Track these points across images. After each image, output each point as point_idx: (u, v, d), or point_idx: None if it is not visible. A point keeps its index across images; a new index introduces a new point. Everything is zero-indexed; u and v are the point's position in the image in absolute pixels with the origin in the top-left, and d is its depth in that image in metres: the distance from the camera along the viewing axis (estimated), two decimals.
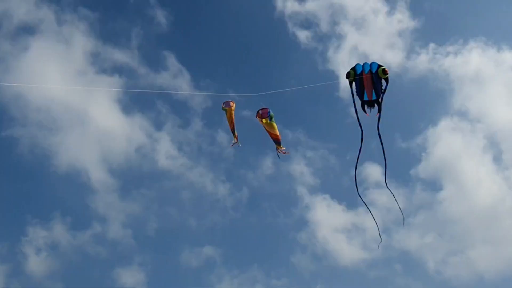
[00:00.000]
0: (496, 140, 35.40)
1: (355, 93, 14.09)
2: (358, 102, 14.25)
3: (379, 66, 13.85)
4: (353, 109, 14.16)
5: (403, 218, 15.55)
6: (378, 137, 14.14)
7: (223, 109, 15.94)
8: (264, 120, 15.27)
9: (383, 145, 14.33)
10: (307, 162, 35.92)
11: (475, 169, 35.17)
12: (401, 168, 35.16)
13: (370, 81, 13.93)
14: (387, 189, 15.09)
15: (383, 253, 31.43)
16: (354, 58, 38.49)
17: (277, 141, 15.86)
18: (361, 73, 13.90)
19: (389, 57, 38.14)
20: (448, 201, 33.50)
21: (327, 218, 33.83)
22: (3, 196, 32.34)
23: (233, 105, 15.95)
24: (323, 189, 35.06)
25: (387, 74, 13.77)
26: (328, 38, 38.61)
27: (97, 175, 32.88)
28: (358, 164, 14.43)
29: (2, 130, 33.08)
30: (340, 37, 38.30)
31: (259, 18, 39.94)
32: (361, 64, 14.02)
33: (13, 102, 32.68)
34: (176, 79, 36.89)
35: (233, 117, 15.98)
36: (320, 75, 38.30)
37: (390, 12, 38.81)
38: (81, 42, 34.99)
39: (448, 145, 35.93)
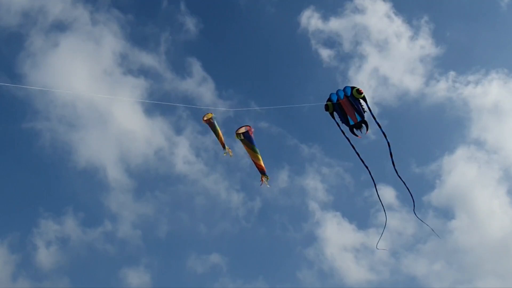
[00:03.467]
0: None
1: (340, 123, 14.06)
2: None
3: (352, 88, 13.78)
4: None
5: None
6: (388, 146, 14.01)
7: (203, 122, 15.43)
8: (240, 136, 14.74)
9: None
10: (321, 178, 35.74)
11: (488, 200, 34.33)
12: (414, 193, 34.69)
13: (349, 105, 13.85)
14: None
15: (390, 276, 30.99)
16: (374, 80, 38.06)
17: (262, 172, 15.40)
18: (338, 100, 13.84)
19: (408, 81, 37.99)
20: (460, 231, 32.76)
21: (337, 236, 33.34)
22: (19, 186, 33.24)
23: (210, 114, 15.37)
24: (335, 206, 34.72)
25: (361, 93, 13.67)
26: (349, 58, 38.92)
27: (114, 174, 33.37)
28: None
29: (25, 122, 34.03)
30: (361, 58, 38.50)
31: (283, 33, 40.90)
32: (335, 92, 13.94)
33: (39, 96, 33.69)
34: (201, 87, 37.64)
35: (215, 125, 15.46)
36: None
37: (413, 37, 38.70)
38: (111, 42, 36.21)
39: (463, 174, 35.46)
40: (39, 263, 29.74)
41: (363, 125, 14.03)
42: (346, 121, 14.06)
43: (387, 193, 31.03)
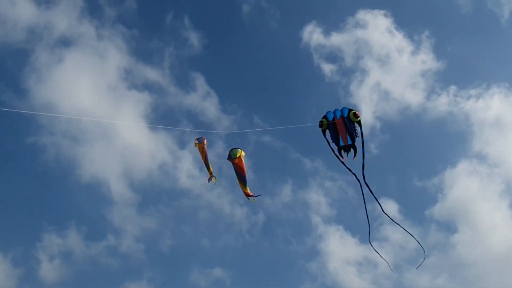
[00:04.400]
0: None
1: (330, 141, 14.11)
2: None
3: (350, 110, 13.81)
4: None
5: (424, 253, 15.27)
6: (365, 184, 13.94)
7: (195, 145, 15.84)
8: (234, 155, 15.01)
9: (374, 193, 14.12)
10: (324, 192, 35.76)
11: (491, 214, 34.46)
12: (416, 207, 34.98)
13: (343, 126, 13.89)
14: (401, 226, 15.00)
15: None
16: (376, 95, 38.20)
17: (247, 195, 15.66)
18: (333, 119, 13.87)
19: (410, 96, 38.08)
20: (462, 244, 32.90)
21: (339, 249, 33.42)
22: (23, 200, 33.11)
23: (205, 142, 15.82)
24: (338, 220, 34.76)
25: (358, 117, 13.72)
26: (351, 72, 39.05)
27: (118, 188, 33.66)
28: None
29: (29, 136, 34.01)
30: (363, 72, 38.61)
31: (286, 48, 41.07)
32: (332, 111, 14.02)
33: (43, 110, 34.08)
34: (204, 101, 37.68)
35: (206, 153, 15.84)
36: None
37: (414, 52, 38.80)
38: (116, 57, 36.46)
39: (465, 188, 35.57)
40: (42, 277, 29.67)
41: (352, 149, 14.07)
42: (336, 141, 14.11)
43: (389, 207, 30.93)
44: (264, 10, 40.22)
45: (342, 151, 14.12)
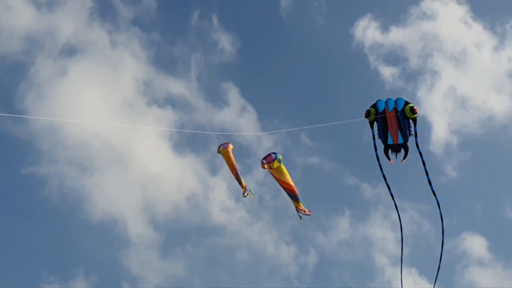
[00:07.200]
0: None
1: (376, 136, 12.28)
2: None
3: (406, 103, 11.87)
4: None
5: None
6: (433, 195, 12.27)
7: (218, 151, 13.80)
8: (272, 165, 12.65)
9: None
10: (391, 225, 30.39)
11: None
12: (511, 244, 29.85)
13: (395, 121, 11.97)
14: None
15: None
16: (450, 102, 33.48)
17: (294, 197, 13.32)
18: (384, 111, 11.95)
19: (494, 102, 32.89)
20: None
21: None
22: (19, 243, 28.31)
23: (231, 147, 13.72)
24: (410, 261, 28.72)
25: (416, 113, 11.75)
26: (418, 75, 34.11)
27: (136, 226, 29.50)
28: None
29: (26, 165, 29.51)
30: (433, 74, 33.66)
31: (335, 49, 35.96)
32: (384, 100, 12.11)
33: (44, 134, 29.45)
34: (240, 117, 33.33)
35: (234, 161, 13.69)
36: None
37: (498, 47, 33.67)
38: (132, 67, 32.66)
39: None
40: None
41: (403, 150, 12.22)
42: (384, 138, 12.29)
43: (476, 244, 27.38)
44: (307, 4, 35.91)
45: (390, 151, 12.22)
